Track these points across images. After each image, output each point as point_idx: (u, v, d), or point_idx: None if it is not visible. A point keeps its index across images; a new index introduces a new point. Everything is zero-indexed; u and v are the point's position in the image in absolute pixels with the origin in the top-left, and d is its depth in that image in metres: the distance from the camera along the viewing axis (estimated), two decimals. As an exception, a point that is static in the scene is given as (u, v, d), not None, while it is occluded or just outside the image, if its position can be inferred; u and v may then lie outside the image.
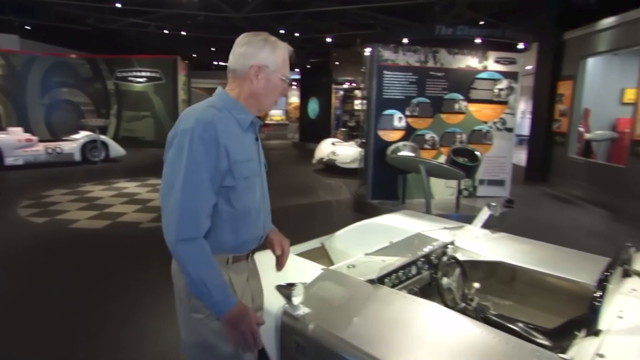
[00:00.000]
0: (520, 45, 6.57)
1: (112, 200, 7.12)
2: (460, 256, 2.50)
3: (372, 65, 6.07)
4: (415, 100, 6.39)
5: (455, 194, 6.37)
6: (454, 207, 6.20)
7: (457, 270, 2.33)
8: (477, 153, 5.96)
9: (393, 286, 2.00)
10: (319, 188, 8.78)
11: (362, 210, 6.22)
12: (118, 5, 10.12)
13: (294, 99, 20.26)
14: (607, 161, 8.64)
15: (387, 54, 6.18)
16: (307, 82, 16.77)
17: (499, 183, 7.01)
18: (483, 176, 6.85)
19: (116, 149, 11.17)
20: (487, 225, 3.06)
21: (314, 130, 15.41)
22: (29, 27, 12.66)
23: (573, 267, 2.27)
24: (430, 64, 6.38)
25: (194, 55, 17.22)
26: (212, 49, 15.23)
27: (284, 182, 8.95)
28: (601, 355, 1.26)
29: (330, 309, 1.68)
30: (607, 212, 7.12)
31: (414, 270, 2.20)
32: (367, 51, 6.37)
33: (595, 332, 1.39)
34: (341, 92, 16.96)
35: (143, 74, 13.50)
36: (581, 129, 9.17)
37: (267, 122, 19.31)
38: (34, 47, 13.31)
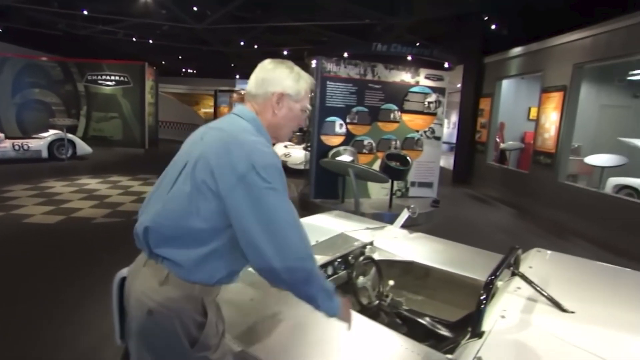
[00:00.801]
0: (446, 65, 6.63)
1: (71, 196, 6.55)
2: (377, 256, 2.38)
3: (317, 76, 5.90)
4: (355, 109, 6.28)
5: (388, 194, 6.32)
6: (387, 206, 6.15)
7: (373, 269, 2.21)
8: (408, 158, 5.95)
9: None
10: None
11: (306, 208, 6.05)
12: (86, 12, 9.41)
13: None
14: (517, 168, 8.96)
15: (330, 66, 6.02)
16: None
17: (428, 185, 7.06)
18: (414, 179, 6.86)
19: (83, 147, 10.39)
20: (407, 225, 2.96)
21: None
22: (0, 30, 11.58)
23: (475, 265, 2.21)
24: (369, 76, 6.29)
25: (163, 62, 16.43)
26: (179, 57, 14.56)
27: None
28: (479, 358, 1.14)
29: (236, 313, 1.48)
30: (514, 211, 7.36)
31: (330, 270, 2.04)
32: (313, 63, 6.19)
33: (479, 334, 1.27)
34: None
35: (112, 77, 12.67)
36: (497, 140, 9.47)
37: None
38: (7, 49, 12.22)
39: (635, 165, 6.63)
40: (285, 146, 10.31)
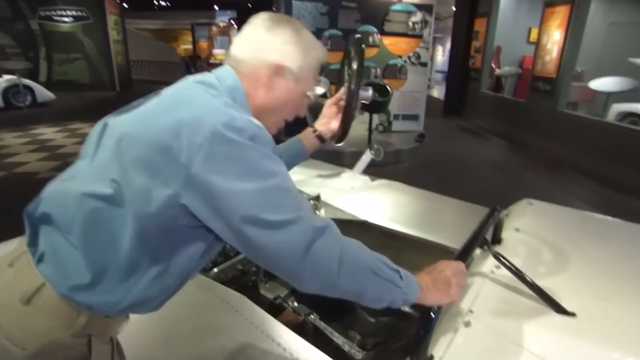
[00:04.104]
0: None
1: (20, 148, 5.87)
2: (322, 214, 1.84)
3: (280, -5, 4.98)
4: (327, 33, 5.42)
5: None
6: (366, 142, 5.52)
7: None
8: (388, 87, 5.19)
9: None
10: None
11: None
12: None
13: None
14: (513, 96, 8.22)
15: (295, -18, 5.07)
16: (245, 20, 14.93)
17: (414, 118, 6.38)
18: (398, 111, 6.17)
19: (43, 93, 9.42)
20: (379, 165, 2.40)
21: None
22: None
23: (448, 225, 1.69)
24: (343, -7, 5.35)
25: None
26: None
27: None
28: None
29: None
30: (508, 144, 6.78)
31: None
32: (275, -21, 5.22)
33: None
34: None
35: (68, 12, 11.29)
36: (493, 65, 8.63)
37: (210, 61, 17.41)
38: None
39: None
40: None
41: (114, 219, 0.69)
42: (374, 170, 2.33)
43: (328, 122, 1.33)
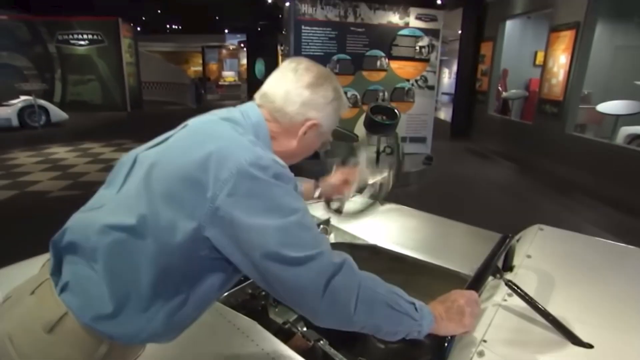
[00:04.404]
0: (439, 1, 5.74)
1: (33, 167, 5.99)
2: (332, 238, 1.85)
3: (290, 20, 5.10)
4: (335, 57, 5.52)
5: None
6: (374, 165, 5.53)
7: None
8: (396, 110, 5.24)
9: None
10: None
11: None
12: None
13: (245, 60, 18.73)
14: (520, 119, 8.23)
15: (304, 8, 5.19)
16: (254, 43, 15.35)
17: (421, 140, 6.41)
18: (405, 133, 6.20)
19: (57, 113, 9.67)
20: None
21: (261, 90, 14.14)
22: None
23: (458, 251, 1.67)
24: (351, 19, 5.47)
25: (143, 18, 15.27)
26: (158, 10, 13.44)
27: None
28: None
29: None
30: (517, 166, 6.74)
31: None
32: (286, 4, 5.36)
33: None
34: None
35: (85, 36, 11.71)
36: (499, 88, 8.69)
37: (220, 83, 17.78)
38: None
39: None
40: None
41: (137, 251, 0.71)
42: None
43: (331, 190, 1.36)
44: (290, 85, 0.86)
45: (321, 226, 1.87)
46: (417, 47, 5.91)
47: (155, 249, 0.70)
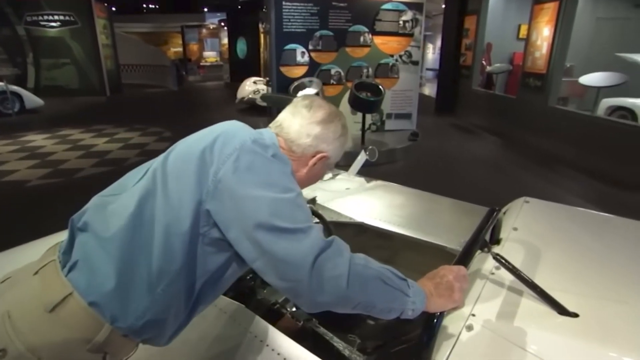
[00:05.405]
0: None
1: (9, 156, 5.76)
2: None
3: (270, -4, 4.94)
4: (318, 34, 5.39)
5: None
6: (359, 143, 5.51)
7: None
8: (380, 87, 5.19)
9: None
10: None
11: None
12: None
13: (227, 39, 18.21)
14: (504, 93, 8.25)
15: (284, -17, 5.03)
16: (235, 22, 14.88)
17: (406, 116, 6.38)
18: (390, 110, 6.16)
19: (32, 99, 9.27)
20: (375, 164, 2.39)
21: (243, 70, 13.75)
22: None
23: (445, 225, 1.66)
24: (332, -7, 5.32)
25: (117, -3, 14.64)
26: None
27: (204, 123, 7.82)
28: None
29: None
30: (501, 140, 6.79)
31: None
32: (265, -20, 5.18)
33: None
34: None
35: (56, 17, 11.14)
36: (484, 63, 8.66)
37: (201, 63, 17.30)
38: None
39: (635, 84, 5.94)
40: (255, 82, 9.42)
41: (148, 233, 0.75)
42: (368, 171, 2.32)
43: None
44: (304, 120, 0.93)
45: (307, 205, 1.84)
46: (401, 22, 5.80)
47: (164, 229, 0.74)
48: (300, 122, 0.93)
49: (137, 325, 0.75)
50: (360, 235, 1.88)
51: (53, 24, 11.21)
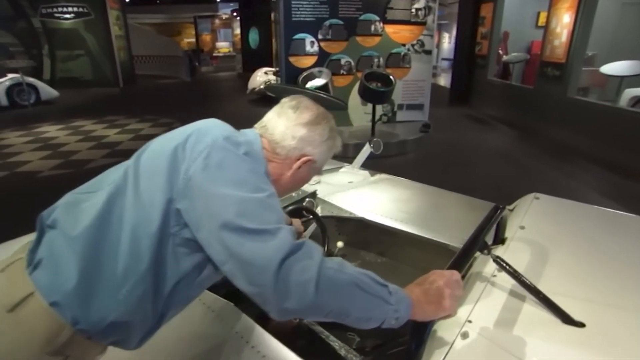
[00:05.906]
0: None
1: (23, 147, 5.87)
2: (319, 211, 1.77)
3: (278, -16, 4.84)
4: (327, 23, 5.27)
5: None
6: (369, 134, 5.41)
7: (311, 231, 1.61)
8: (391, 77, 5.06)
9: None
10: (244, 118, 7.71)
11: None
12: None
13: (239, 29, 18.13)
14: (521, 83, 7.99)
15: (294, -30, 4.92)
16: (247, 12, 14.79)
17: (418, 107, 6.24)
18: (402, 100, 6.03)
19: (47, 91, 9.42)
20: (384, 157, 2.32)
21: (256, 60, 13.69)
22: None
23: (447, 222, 1.59)
24: (342, -19, 5.19)
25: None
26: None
27: (215, 114, 7.82)
28: None
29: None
30: (516, 132, 6.59)
31: None
32: (273, -33, 5.08)
33: None
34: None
35: (70, 9, 11.26)
36: (500, 52, 8.40)
37: (214, 54, 17.30)
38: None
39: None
40: (266, 72, 9.36)
41: (116, 231, 0.72)
42: (377, 162, 2.25)
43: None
44: (289, 122, 0.89)
45: (307, 199, 1.79)
46: (413, 10, 5.64)
47: (132, 228, 0.72)
48: (285, 123, 0.89)
49: (100, 327, 0.72)
50: (361, 231, 1.83)
51: (67, 15, 11.34)
